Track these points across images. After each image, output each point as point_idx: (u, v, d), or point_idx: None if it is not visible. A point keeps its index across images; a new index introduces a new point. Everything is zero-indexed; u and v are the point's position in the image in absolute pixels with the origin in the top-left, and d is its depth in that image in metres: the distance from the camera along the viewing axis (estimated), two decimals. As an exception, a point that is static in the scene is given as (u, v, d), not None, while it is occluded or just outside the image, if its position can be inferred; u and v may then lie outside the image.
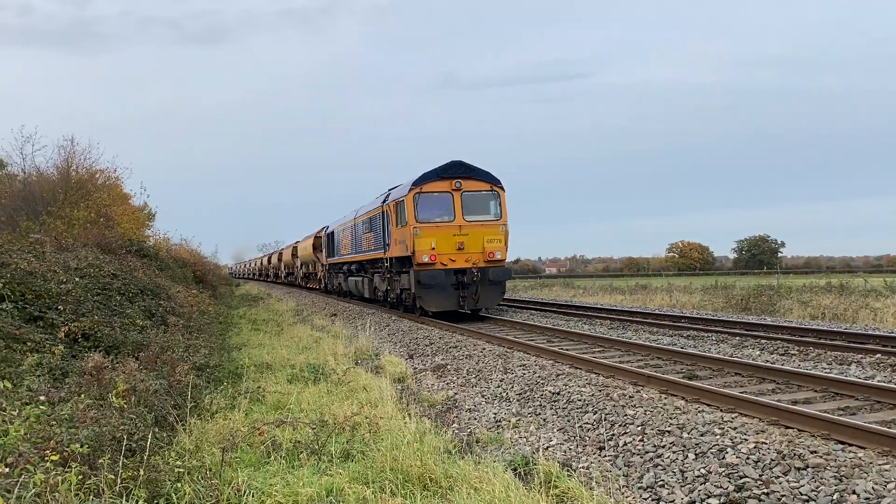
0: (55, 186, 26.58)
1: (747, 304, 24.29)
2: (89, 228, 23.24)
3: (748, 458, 6.07)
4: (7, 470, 4.17)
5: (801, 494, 5.38)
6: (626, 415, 7.87)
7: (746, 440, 6.47)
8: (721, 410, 7.67)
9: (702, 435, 6.81)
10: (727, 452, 6.26)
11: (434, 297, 18.66)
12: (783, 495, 5.40)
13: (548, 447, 7.40)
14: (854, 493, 5.26)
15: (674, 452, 6.60)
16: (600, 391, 9.05)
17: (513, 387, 10.20)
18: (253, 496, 5.05)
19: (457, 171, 19.00)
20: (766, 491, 5.49)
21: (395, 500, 5.07)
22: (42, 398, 5.80)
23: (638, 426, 7.44)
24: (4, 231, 19.75)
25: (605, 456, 7.01)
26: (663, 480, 6.13)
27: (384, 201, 21.47)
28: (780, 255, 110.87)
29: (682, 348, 12.68)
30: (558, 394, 9.31)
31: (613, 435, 7.45)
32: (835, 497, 5.27)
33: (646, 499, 5.93)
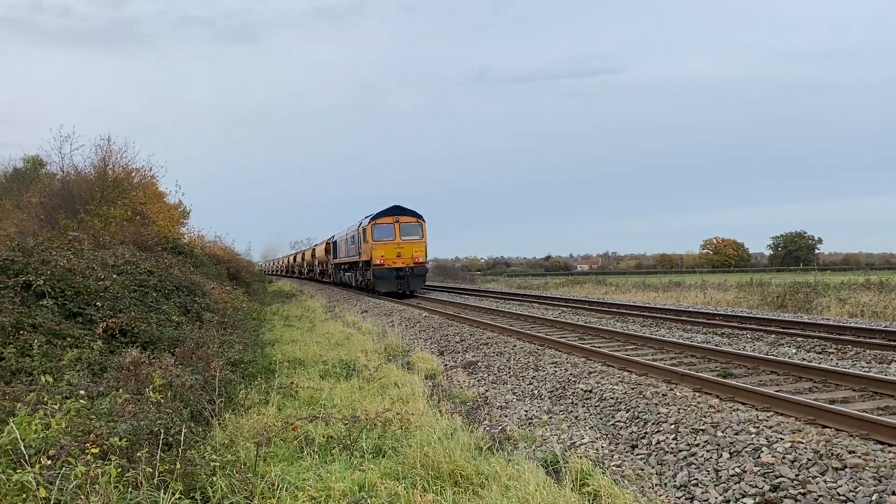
0: (92, 185, 27.08)
1: (783, 302, 23.90)
2: (126, 226, 23.65)
3: (784, 458, 5.99)
4: (50, 462, 4.28)
5: (839, 495, 5.29)
6: (659, 413, 7.81)
7: (782, 439, 6.37)
8: (756, 409, 7.57)
9: (736, 434, 6.73)
10: (762, 451, 6.18)
11: (383, 283, 30.74)
12: (820, 495, 5.32)
13: (580, 445, 7.37)
14: (894, 493, 5.16)
15: (708, 451, 6.54)
16: (633, 389, 8.98)
17: (544, 384, 10.17)
18: (286, 490, 5.11)
19: (396, 211, 31.38)
20: (802, 491, 5.41)
21: (427, 497, 5.08)
22: (82, 392, 5.92)
23: (671, 424, 7.37)
24: (44, 229, 20.21)
25: (638, 454, 6.96)
26: (697, 479, 6.07)
27: (359, 226, 33.36)
28: (817, 251, 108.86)
29: (716, 346, 12.53)
30: (590, 391, 9.26)
31: (646, 433, 7.39)
32: (874, 498, 5.17)
33: (679, 497, 5.88)
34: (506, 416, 8.84)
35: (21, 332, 7.56)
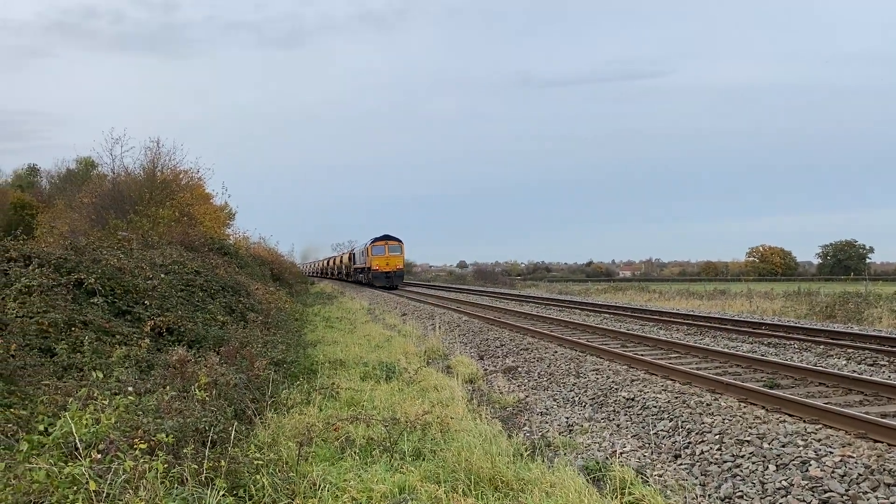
0: (142, 186, 27.76)
1: (832, 312, 23.29)
2: (173, 227, 24.17)
3: (833, 472, 5.84)
4: (100, 456, 4.38)
5: (892, 512, 5.13)
6: (703, 423, 7.68)
7: (832, 453, 6.21)
8: (804, 421, 7.39)
9: (783, 446, 6.58)
10: (811, 465, 6.04)
11: (377, 281, 49.13)
12: (872, 512, 5.17)
13: (622, 453, 7.28)
14: (950, 512, 4.99)
15: (753, 463, 6.40)
16: (676, 398, 8.85)
17: (585, 391, 10.09)
18: (328, 490, 5.15)
19: (386, 237, 50.82)
20: (852, 507, 5.27)
21: (468, 501, 5.07)
22: (130, 389, 6.07)
23: (715, 435, 7.25)
24: (95, 229, 20.76)
25: (681, 464, 6.85)
26: (742, 491, 5.95)
27: (365, 245, 53.57)
28: (868, 260, 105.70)
29: (762, 356, 12.27)
30: (633, 399, 9.15)
31: (690, 443, 7.28)
32: (928, 516, 5.01)
33: (723, 510, 5.76)
34: (546, 423, 8.79)
35: (73, 328, 7.78)
